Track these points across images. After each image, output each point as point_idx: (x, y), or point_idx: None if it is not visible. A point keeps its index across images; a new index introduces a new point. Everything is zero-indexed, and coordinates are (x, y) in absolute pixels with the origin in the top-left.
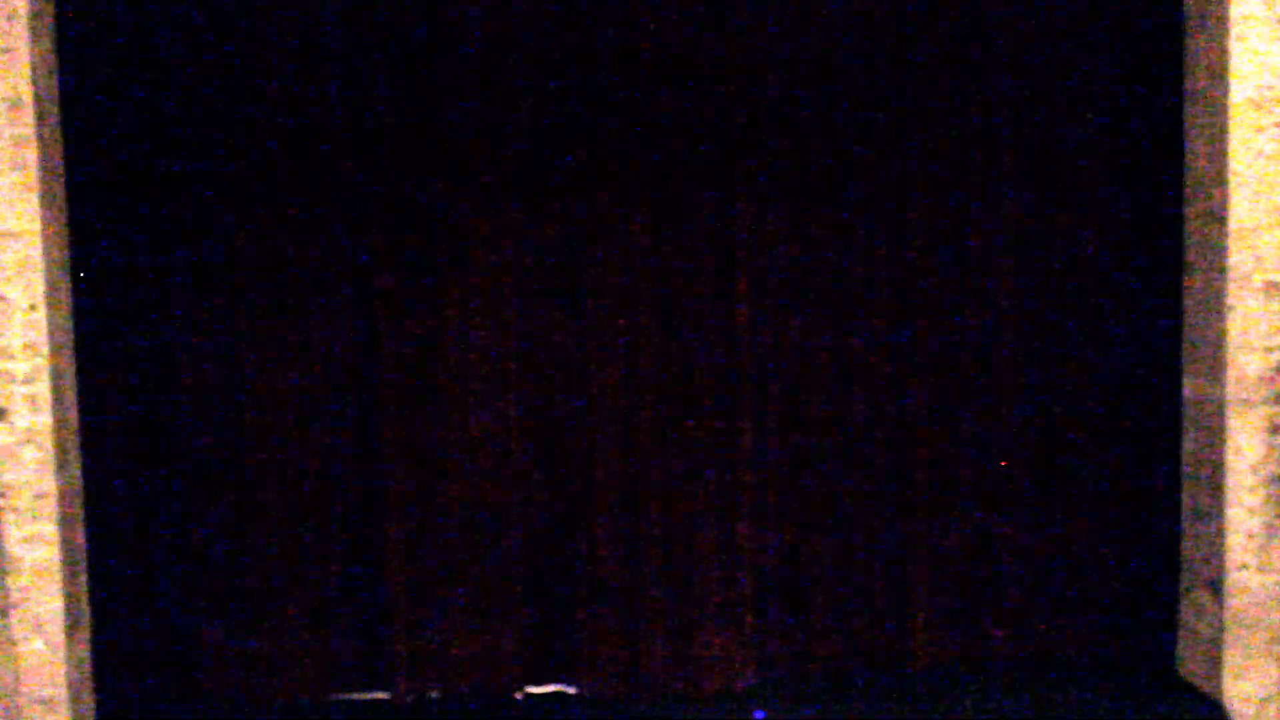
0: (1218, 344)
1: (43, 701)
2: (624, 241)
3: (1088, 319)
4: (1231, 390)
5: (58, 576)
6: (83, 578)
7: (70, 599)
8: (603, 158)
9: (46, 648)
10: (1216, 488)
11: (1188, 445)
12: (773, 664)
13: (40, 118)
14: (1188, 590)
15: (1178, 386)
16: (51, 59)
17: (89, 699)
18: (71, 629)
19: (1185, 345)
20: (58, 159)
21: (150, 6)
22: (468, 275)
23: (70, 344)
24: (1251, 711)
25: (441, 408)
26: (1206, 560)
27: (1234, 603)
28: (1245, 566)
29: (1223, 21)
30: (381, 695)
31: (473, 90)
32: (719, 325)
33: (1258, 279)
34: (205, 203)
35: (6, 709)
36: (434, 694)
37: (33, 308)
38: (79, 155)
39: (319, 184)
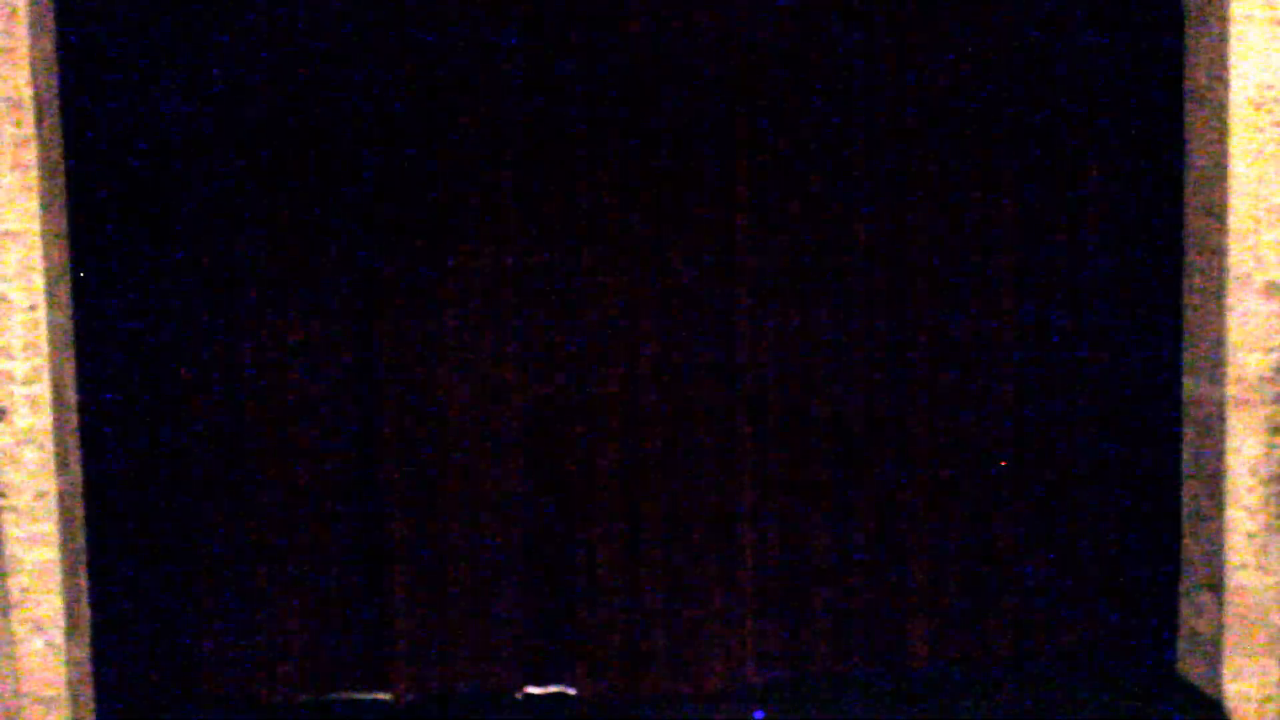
0: (1218, 344)
1: (43, 701)
2: (624, 241)
3: (1088, 319)
4: (1231, 390)
5: (58, 576)
6: (83, 578)
7: (70, 599)
8: (602, 157)
9: (46, 648)
10: (1216, 488)
11: (1188, 445)
12: (773, 664)
13: (40, 118)
14: (1188, 590)
15: (1178, 386)
16: (51, 59)
17: (89, 699)
18: (71, 629)
19: (1185, 345)
20: (58, 159)
21: (150, 6)
22: (468, 275)
23: (70, 344)
24: (1251, 711)
25: (441, 408)
26: (1206, 560)
27: (1234, 603)
28: (1245, 567)
29: (1223, 21)
30: (381, 695)
31: (472, 90)
32: (719, 325)
33: (1258, 279)
34: (205, 202)
35: (6, 709)
36: (434, 694)
37: (33, 308)
38: (79, 155)
39: (319, 184)
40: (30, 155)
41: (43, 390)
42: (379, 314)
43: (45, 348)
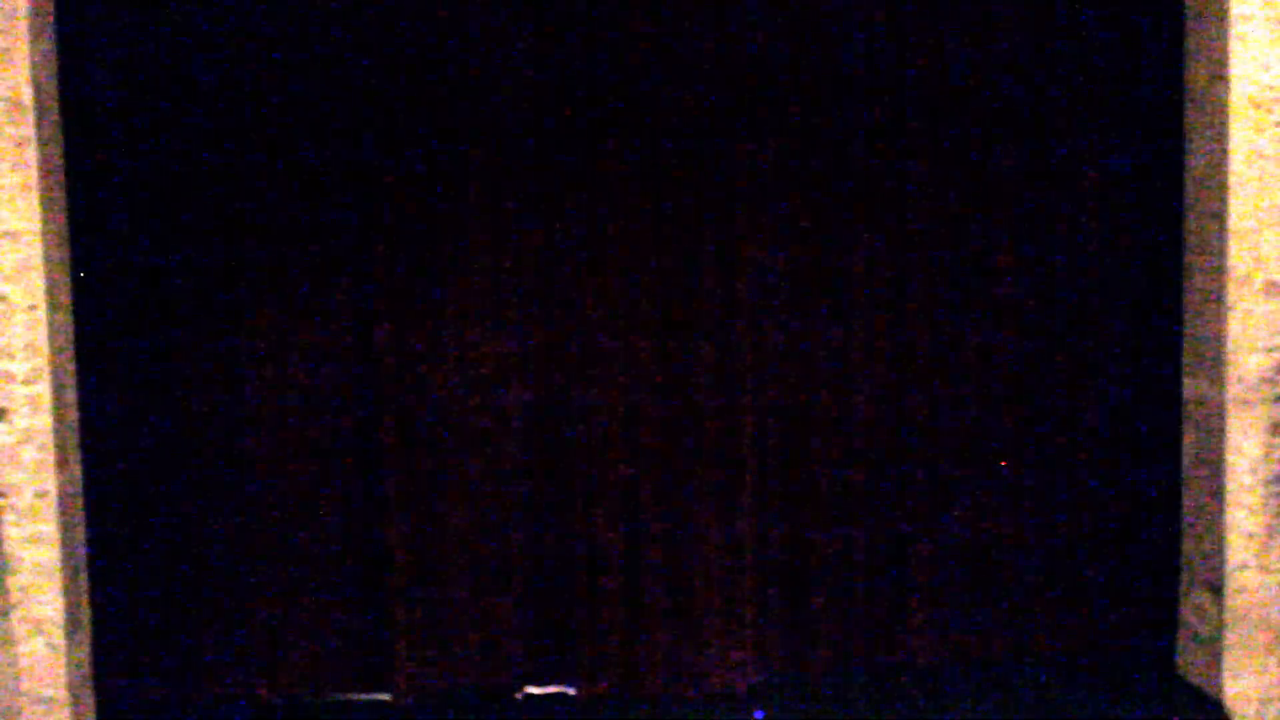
0: (1218, 344)
1: (43, 701)
2: (624, 241)
3: (1088, 319)
4: (1231, 390)
5: (58, 576)
6: (83, 578)
7: (70, 599)
8: (603, 158)
9: (46, 648)
10: (1216, 488)
11: (1188, 445)
12: (773, 664)
13: (40, 118)
14: (1188, 590)
15: (1178, 386)
16: (51, 59)
17: (89, 699)
18: (71, 629)
19: (1185, 345)
20: (58, 159)
21: (150, 6)
22: (468, 275)
23: (70, 344)
24: (1251, 711)
25: (442, 409)
26: (1206, 560)
27: (1234, 603)
28: (1245, 566)
29: (1223, 21)
30: (382, 695)
31: (473, 91)
32: (719, 325)
33: (1258, 279)
34: (205, 203)
35: (6, 709)
36: (434, 694)
37: (33, 308)
38: (79, 155)
39: (319, 184)
40: (30, 155)
41: (43, 390)
42: (379, 314)
43: (45, 348)
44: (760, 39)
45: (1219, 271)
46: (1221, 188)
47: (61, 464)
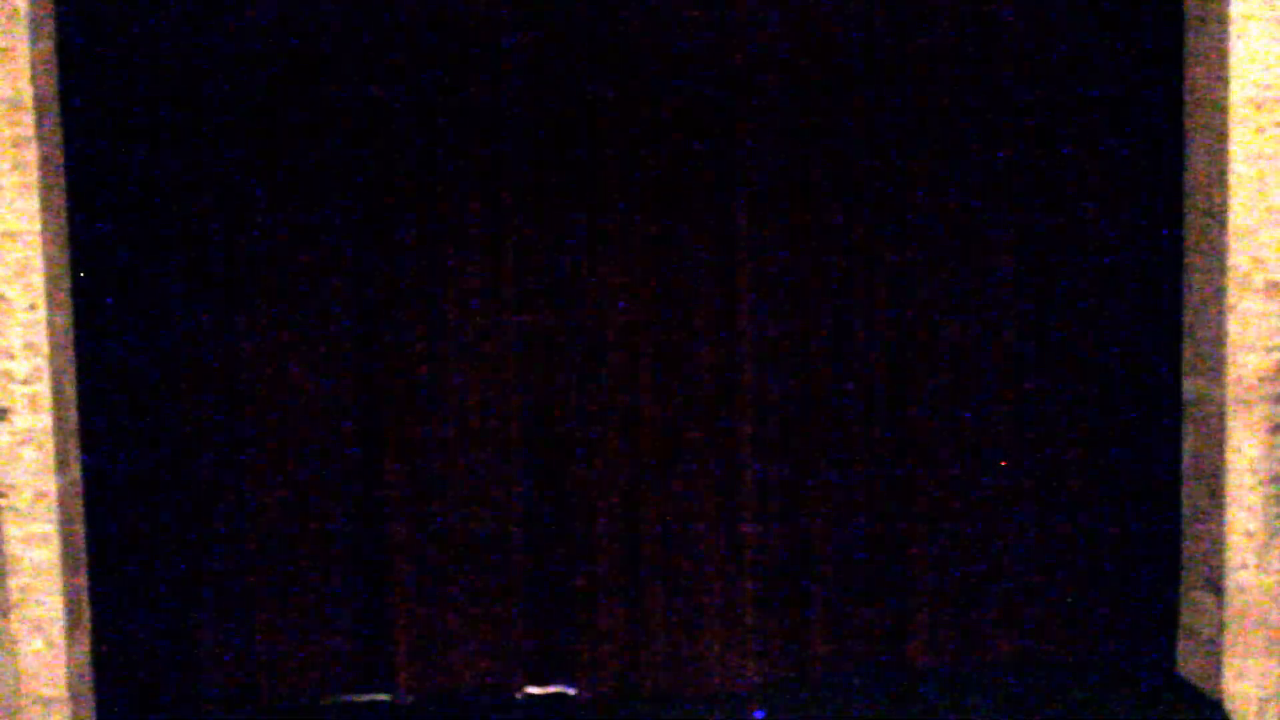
0: (1218, 344)
1: (43, 701)
2: (624, 241)
3: (1088, 319)
4: (1231, 390)
5: (58, 576)
6: (83, 578)
7: (70, 599)
8: (602, 157)
9: (46, 648)
10: (1216, 488)
11: (1188, 445)
12: (773, 664)
13: (40, 118)
14: (1188, 590)
15: (1178, 386)
16: (51, 59)
17: (89, 699)
18: (71, 629)
19: (1185, 345)
20: (58, 159)
21: (150, 6)
22: (468, 276)
23: (70, 344)
24: (1252, 711)
25: (441, 408)
26: (1206, 560)
27: (1234, 603)
28: (1245, 566)
29: (1223, 21)
30: (382, 696)
31: (473, 91)
32: (719, 325)
33: (1258, 279)
34: (205, 202)
35: (6, 709)
36: (434, 694)
37: (33, 308)
38: (79, 155)
39: (319, 184)
40: (30, 155)
41: (43, 390)
42: (379, 314)
43: (45, 348)
44: (760, 37)
45: (1219, 271)
46: (1221, 188)
47: (61, 464)
